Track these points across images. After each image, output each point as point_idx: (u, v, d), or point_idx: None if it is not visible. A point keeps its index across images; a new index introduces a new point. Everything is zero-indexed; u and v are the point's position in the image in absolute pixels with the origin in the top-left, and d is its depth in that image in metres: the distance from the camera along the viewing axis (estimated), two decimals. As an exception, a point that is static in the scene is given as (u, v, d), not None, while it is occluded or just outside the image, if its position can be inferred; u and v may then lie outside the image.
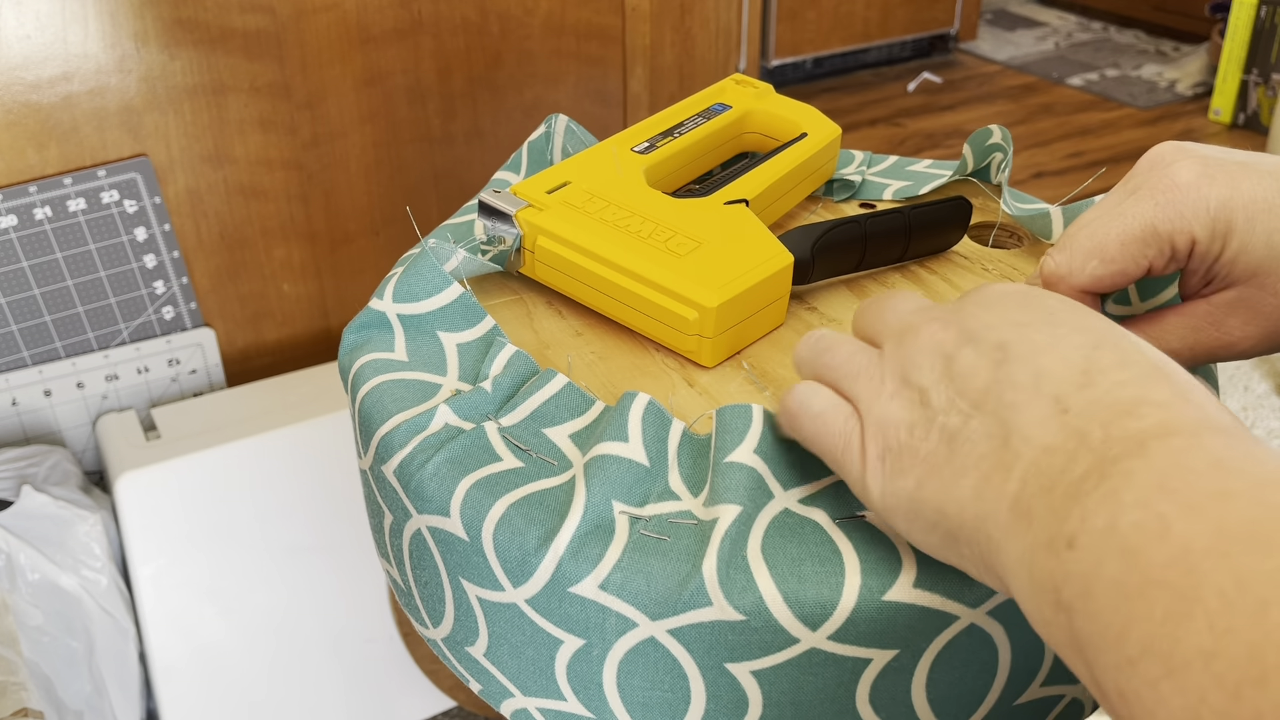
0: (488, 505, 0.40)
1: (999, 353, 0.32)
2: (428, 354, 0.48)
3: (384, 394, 0.45)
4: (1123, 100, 2.63)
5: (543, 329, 0.51)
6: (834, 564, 0.37)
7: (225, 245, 1.08)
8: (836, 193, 0.63)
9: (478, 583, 0.41)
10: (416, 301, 0.49)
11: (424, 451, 0.42)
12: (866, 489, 0.35)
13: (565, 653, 0.40)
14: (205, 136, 1.03)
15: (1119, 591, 0.25)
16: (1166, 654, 0.23)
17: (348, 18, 1.06)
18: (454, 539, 0.41)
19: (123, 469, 0.95)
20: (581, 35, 1.20)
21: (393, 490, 0.44)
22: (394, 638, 1.10)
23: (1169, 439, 0.27)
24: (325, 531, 1.04)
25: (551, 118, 0.63)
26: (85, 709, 0.92)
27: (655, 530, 0.38)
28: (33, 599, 0.90)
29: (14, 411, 1.02)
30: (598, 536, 0.38)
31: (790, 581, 0.36)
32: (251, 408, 1.04)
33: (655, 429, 0.41)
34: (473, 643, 0.43)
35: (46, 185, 0.97)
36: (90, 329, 1.03)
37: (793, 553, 0.37)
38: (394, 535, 0.46)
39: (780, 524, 0.38)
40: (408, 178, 1.16)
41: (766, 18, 2.57)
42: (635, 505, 0.39)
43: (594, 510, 0.39)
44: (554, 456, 0.42)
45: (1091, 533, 0.26)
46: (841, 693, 0.38)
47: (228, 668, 1.02)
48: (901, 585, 0.36)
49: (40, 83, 0.94)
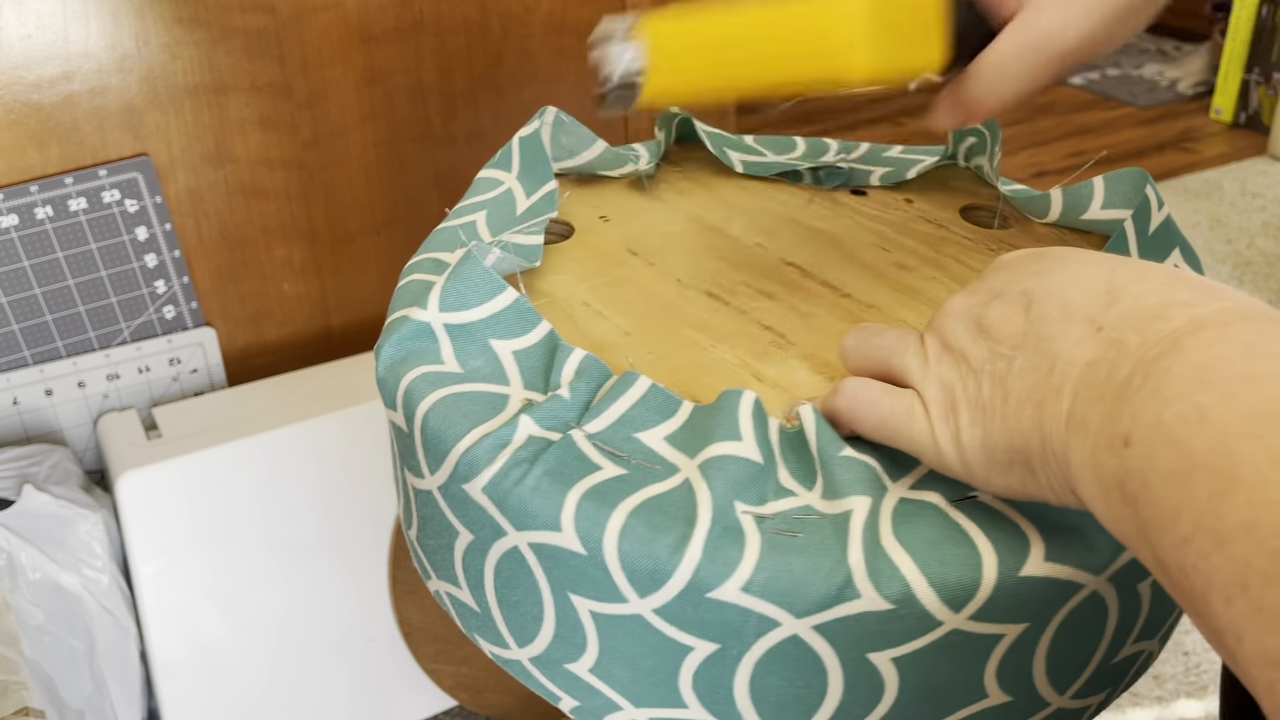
0: (605, 515, 0.38)
1: (1025, 299, 0.35)
2: (483, 364, 0.46)
3: (450, 408, 0.43)
4: (1123, 99, 2.63)
5: (590, 331, 0.50)
6: (968, 545, 0.37)
7: (226, 244, 1.08)
8: (826, 180, 0.63)
9: (593, 596, 0.39)
10: (467, 310, 0.47)
11: (517, 465, 0.40)
12: (941, 453, 0.37)
13: (694, 660, 0.39)
14: (206, 136, 1.03)
15: (1171, 479, 0.27)
16: (1214, 529, 0.26)
17: (349, 17, 1.06)
18: (565, 554, 0.39)
19: (124, 468, 0.95)
20: (583, 34, 1.20)
21: (479, 509, 0.42)
22: (396, 637, 1.10)
23: (1201, 333, 0.29)
24: (327, 531, 1.04)
25: (542, 110, 0.61)
26: (86, 708, 0.92)
27: (784, 527, 0.38)
28: (34, 598, 0.90)
29: (15, 411, 1.02)
30: (730, 538, 0.37)
31: (933, 566, 0.37)
32: (253, 407, 1.04)
33: (761, 426, 0.40)
34: (576, 659, 0.42)
35: (47, 185, 0.97)
36: (91, 328, 1.03)
37: (927, 538, 0.37)
38: (472, 556, 0.43)
39: (904, 512, 0.38)
40: (409, 177, 1.16)
41: (767, 17, 2.57)
42: (755, 504, 0.39)
43: (721, 512, 0.38)
44: (654, 461, 0.41)
45: (1143, 428, 0.28)
46: (973, 670, 0.38)
47: (229, 667, 1.02)
48: (1034, 560, 0.37)
49: (41, 82, 0.94)
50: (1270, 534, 0.24)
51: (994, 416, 0.35)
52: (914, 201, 0.62)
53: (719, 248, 0.57)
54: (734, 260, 0.56)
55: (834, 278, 0.54)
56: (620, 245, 0.58)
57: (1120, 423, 0.29)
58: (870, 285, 0.54)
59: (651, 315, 0.51)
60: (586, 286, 0.54)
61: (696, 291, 0.53)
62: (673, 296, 0.53)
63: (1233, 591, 0.25)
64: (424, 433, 0.43)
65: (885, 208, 0.61)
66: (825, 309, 0.52)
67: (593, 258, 0.56)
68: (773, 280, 0.54)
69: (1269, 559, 0.24)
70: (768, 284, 0.54)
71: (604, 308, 0.52)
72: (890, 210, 0.61)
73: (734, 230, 0.59)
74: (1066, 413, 0.32)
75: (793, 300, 0.53)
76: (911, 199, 0.62)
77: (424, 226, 1.19)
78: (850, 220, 0.60)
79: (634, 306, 0.52)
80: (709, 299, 0.53)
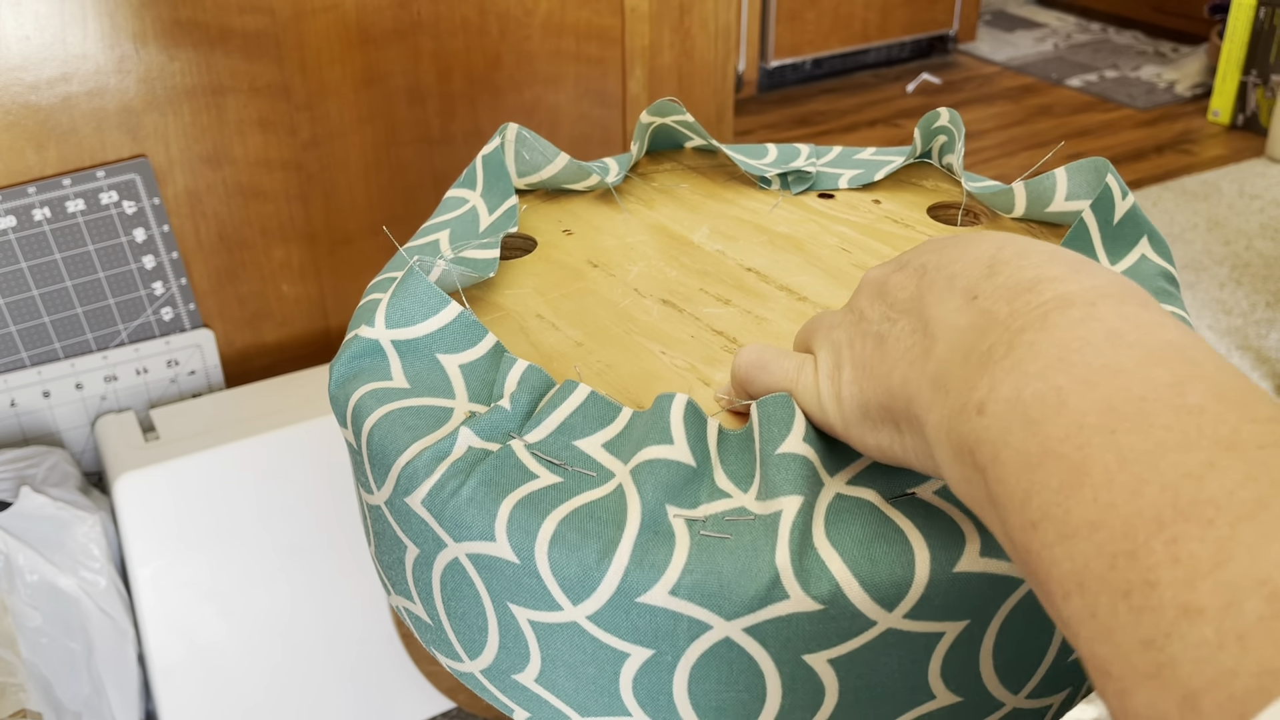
0: (536, 524, 0.38)
1: (921, 269, 0.36)
2: (430, 378, 0.46)
3: (394, 423, 0.43)
4: (1122, 101, 2.63)
5: (541, 342, 0.50)
6: (901, 542, 0.37)
7: (224, 246, 1.08)
8: (793, 185, 0.64)
9: (530, 605, 0.40)
10: (412, 325, 0.47)
11: (454, 477, 0.40)
12: (824, 409, 0.38)
13: (631, 666, 0.39)
14: (204, 137, 1.03)
15: (1023, 460, 0.27)
16: (1060, 521, 0.26)
17: (347, 18, 1.06)
18: (500, 563, 0.39)
19: (121, 470, 0.95)
20: (581, 36, 1.20)
21: (420, 522, 0.42)
22: (393, 638, 1.10)
23: (1067, 310, 0.29)
24: (325, 532, 1.04)
25: (503, 127, 0.62)
26: (84, 710, 0.92)
27: (715, 530, 0.38)
28: (31, 600, 0.90)
29: (13, 413, 1.02)
30: (659, 542, 0.37)
31: (863, 565, 0.36)
32: (250, 409, 1.04)
33: (696, 428, 0.40)
34: (521, 669, 0.42)
35: (45, 186, 0.97)
36: (89, 330, 1.03)
37: (858, 535, 0.37)
38: (420, 569, 0.44)
39: (838, 509, 0.38)
40: (407, 178, 1.16)
41: (766, 18, 2.57)
42: (688, 507, 0.39)
43: (650, 516, 0.38)
44: (591, 468, 0.41)
45: (999, 401, 0.29)
46: (915, 669, 0.38)
47: (227, 669, 1.02)
48: (969, 555, 0.37)
49: (39, 83, 0.94)
50: (1110, 538, 0.24)
51: (872, 375, 0.36)
52: (882, 202, 0.62)
53: (679, 256, 0.58)
54: (693, 268, 0.57)
55: (793, 281, 0.55)
56: (581, 258, 0.58)
57: (977, 390, 0.29)
58: (828, 287, 0.54)
59: (604, 325, 0.52)
60: (543, 299, 0.54)
61: (653, 300, 0.54)
62: (628, 306, 0.53)
63: (1070, 589, 0.25)
64: (369, 448, 0.44)
65: (853, 209, 0.62)
66: (780, 312, 0.52)
67: (553, 271, 0.57)
68: (730, 286, 0.55)
69: (1106, 564, 0.24)
70: (725, 290, 0.55)
71: (558, 319, 0.52)
72: (857, 212, 0.61)
73: (697, 238, 0.60)
74: (932, 374, 0.32)
75: (748, 304, 0.53)
76: (880, 200, 0.63)
77: (422, 228, 1.19)
78: (815, 224, 0.60)
79: (588, 317, 0.52)
80: (664, 307, 0.53)
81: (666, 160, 0.69)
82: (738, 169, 0.67)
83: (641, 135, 0.67)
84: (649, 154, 0.70)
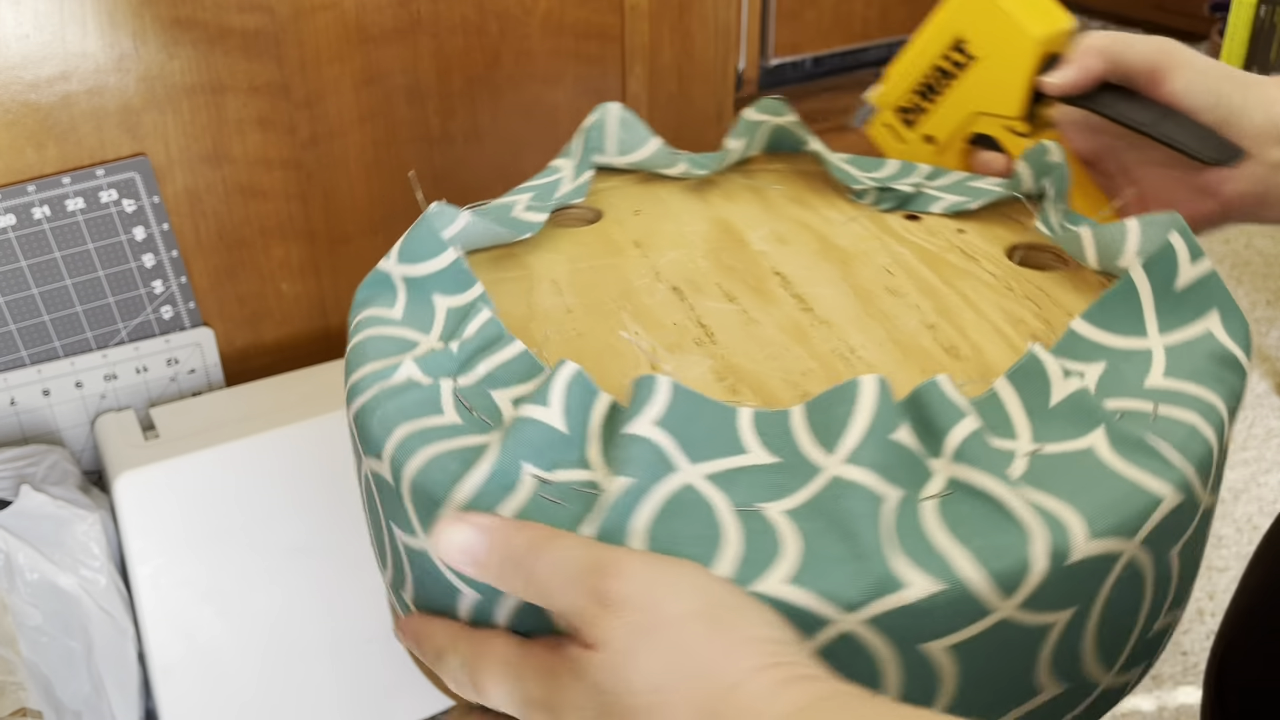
0: (412, 452, 0.42)
1: None
2: (420, 314, 0.51)
3: (367, 346, 0.48)
4: (1122, 99, 2.63)
5: (537, 304, 0.53)
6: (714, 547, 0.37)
7: (224, 245, 1.08)
8: (882, 201, 0.62)
9: (401, 527, 0.43)
10: (416, 264, 0.52)
11: (379, 401, 0.44)
12: None
13: (465, 604, 0.41)
14: (204, 136, 1.03)
15: None
16: None
17: (346, 17, 1.06)
18: (384, 483, 0.43)
19: (121, 468, 0.95)
20: (580, 34, 1.20)
21: (352, 431, 0.47)
22: (392, 638, 1.10)
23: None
24: (324, 532, 1.04)
25: (602, 106, 0.65)
26: (84, 709, 0.92)
27: (556, 495, 0.39)
28: (31, 599, 0.90)
29: (12, 411, 1.02)
30: (498, 493, 0.40)
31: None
32: (250, 407, 1.04)
33: (579, 398, 0.42)
34: (403, 586, 0.45)
35: (45, 184, 0.97)
36: (89, 328, 1.03)
37: (678, 533, 0.38)
38: (359, 477, 0.49)
39: (677, 500, 0.39)
40: (406, 177, 1.16)
41: (766, 17, 2.57)
42: (545, 469, 0.41)
43: (503, 467, 0.40)
44: (493, 418, 0.44)
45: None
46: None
47: (227, 667, 1.02)
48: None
49: (38, 82, 0.94)
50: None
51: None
52: (965, 232, 0.59)
53: (721, 251, 0.58)
54: (724, 263, 0.57)
55: (810, 292, 0.54)
56: (630, 237, 0.60)
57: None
58: (842, 304, 0.53)
59: (604, 299, 0.54)
60: (569, 267, 0.57)
61: (666, 285, 0.55)
62: (639, 286, 0.55)
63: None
64: (348, 362, 0.49)
65: (929, 235, 0.59)
66: (776, 319, 0.52)
67: (596, 244, 0.59)
68: (747, 286, 0.55)
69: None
70: (739, 288, 0.54)
71: (567, 287, 0.55)
72: (932, 238, 0.58)
73: (751, 237, 0.59)
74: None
75: (750, 304, 0.53)
76: (965, 229, 0.59)
77: (422, 226, 1.19)
78: (877, 242, 0.58)
79: (595, 290, 0.55)
80: (671, 293, 0.54)
81: (781, 161, 0.68)
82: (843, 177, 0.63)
83: (750, 132, 0.66)
84: (769, 151, 0.68)
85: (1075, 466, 0.40)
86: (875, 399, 0.40)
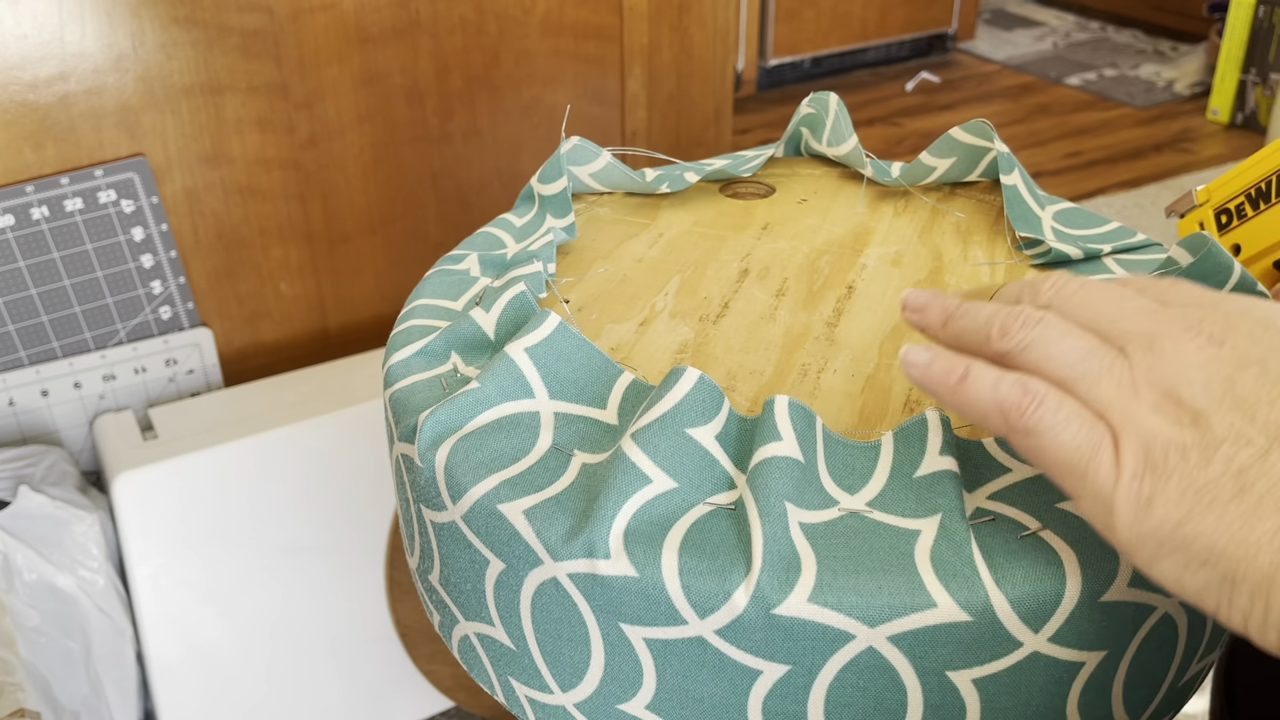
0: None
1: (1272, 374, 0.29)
2: (532, 227, 0.60)
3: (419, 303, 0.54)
4: (1120, 100, 2.64)
5: (627, 248, 0.59)
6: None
7: (223, 245, 1.08)
8: (1048, 258, 0.57)
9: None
10: (545, 184, 0.61)
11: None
12: (1113, 510, 0.31)
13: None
14: (203, 136, 1.03)
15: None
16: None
17: (345, 17, 1.05)
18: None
19: (120, 469, 0.95)
20: (579, 35, 1.20)
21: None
22: (392, 638, 1.10)
23: None
24: (323, 532, 1.04)
25: (814, 96, 0.70)
26: (82, 709, 0.92)
27: (448, 381, 0.45)
28: (30, 599, 0.90)
29: (11, 412, 1.02)
30: (422, 363, 0.47)
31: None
32: (249, 408, 1.04)
33: (513, 314, 0.47)
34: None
35: (43, 185, 0.97)
36: (87, 329, 1.03)
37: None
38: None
39: (512, 421, 0.42)
40: (406, 177, 1.16)
41: (765, 17, 2.57)
42: (465, 361, 0.47)
43: (433, 347, 0.48)
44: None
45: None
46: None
47: (225, 668, 1.02)
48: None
49: (37, 82, 0.94)
50: None
51: (1213, 507, 0.29)
52: None
53: (831, 252, 0.58)
54: (817, 264, 0.57)
55: (855, 310, 0.52)
56: (767, 220, 0.63)
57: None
58: (871, 329, 0.51)
59: (679, 260, 0.58)
60: (685, 228, 0.62)
61: (740, 264, 0.57)
62: (721, 259, 0.58)
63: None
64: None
65: None
66: (792, 322, 0.51)
67: (733, 215, 0.63)
68: (809, 288, 0.55)
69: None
70: (799, 287, 0.55)
71: (665, 242, 0.60)
72: None
73: (870, 250, 0.58)
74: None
75: (790, 304, 0.53)
76: None
77: (421, 226, 1.19)
78: (974, 285, 0.56)
79: (681, 250, 0.59)
80: (738, 272, 0.57)
81: (995, 193, 0.65)
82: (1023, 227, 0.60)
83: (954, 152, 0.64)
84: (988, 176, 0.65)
85: None
86: (688, 390, 0.40)
